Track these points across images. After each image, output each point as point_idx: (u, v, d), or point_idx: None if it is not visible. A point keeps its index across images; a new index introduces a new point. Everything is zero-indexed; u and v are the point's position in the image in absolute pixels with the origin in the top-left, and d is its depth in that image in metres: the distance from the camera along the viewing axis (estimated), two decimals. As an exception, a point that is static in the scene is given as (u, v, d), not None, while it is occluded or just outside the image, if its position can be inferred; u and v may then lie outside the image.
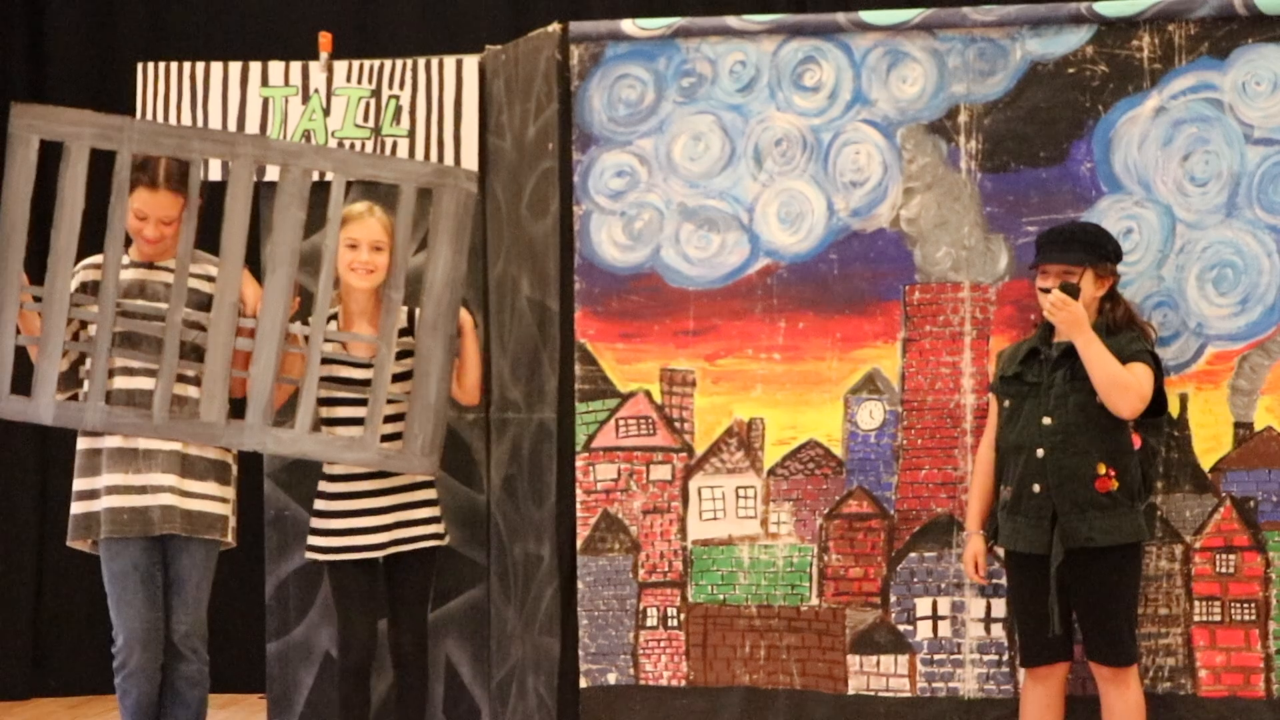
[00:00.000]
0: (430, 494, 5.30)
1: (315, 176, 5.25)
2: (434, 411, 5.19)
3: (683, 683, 5.48)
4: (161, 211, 5.07)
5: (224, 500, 5.15)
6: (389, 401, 5.17)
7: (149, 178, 5.06)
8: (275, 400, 5.18)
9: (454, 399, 5.39)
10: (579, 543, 5.53)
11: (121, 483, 5.04)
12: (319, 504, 5.27)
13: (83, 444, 5.13)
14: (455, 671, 5.84)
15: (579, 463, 5.53)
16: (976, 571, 5.14)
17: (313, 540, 5.25)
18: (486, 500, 5.84)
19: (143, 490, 5.04)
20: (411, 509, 5.25)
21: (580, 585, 5.52)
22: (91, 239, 5.11)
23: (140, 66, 5.93)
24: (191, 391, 5.12)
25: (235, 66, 5.88)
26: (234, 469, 5.22)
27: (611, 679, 5.52)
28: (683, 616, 5.49)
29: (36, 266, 5.08)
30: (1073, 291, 4.91)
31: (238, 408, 5.17)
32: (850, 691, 5.39)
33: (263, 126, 5.82)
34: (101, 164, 5.08)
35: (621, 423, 5.52)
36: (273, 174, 5.41)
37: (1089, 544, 4.88)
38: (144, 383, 5.09)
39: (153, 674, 5.09)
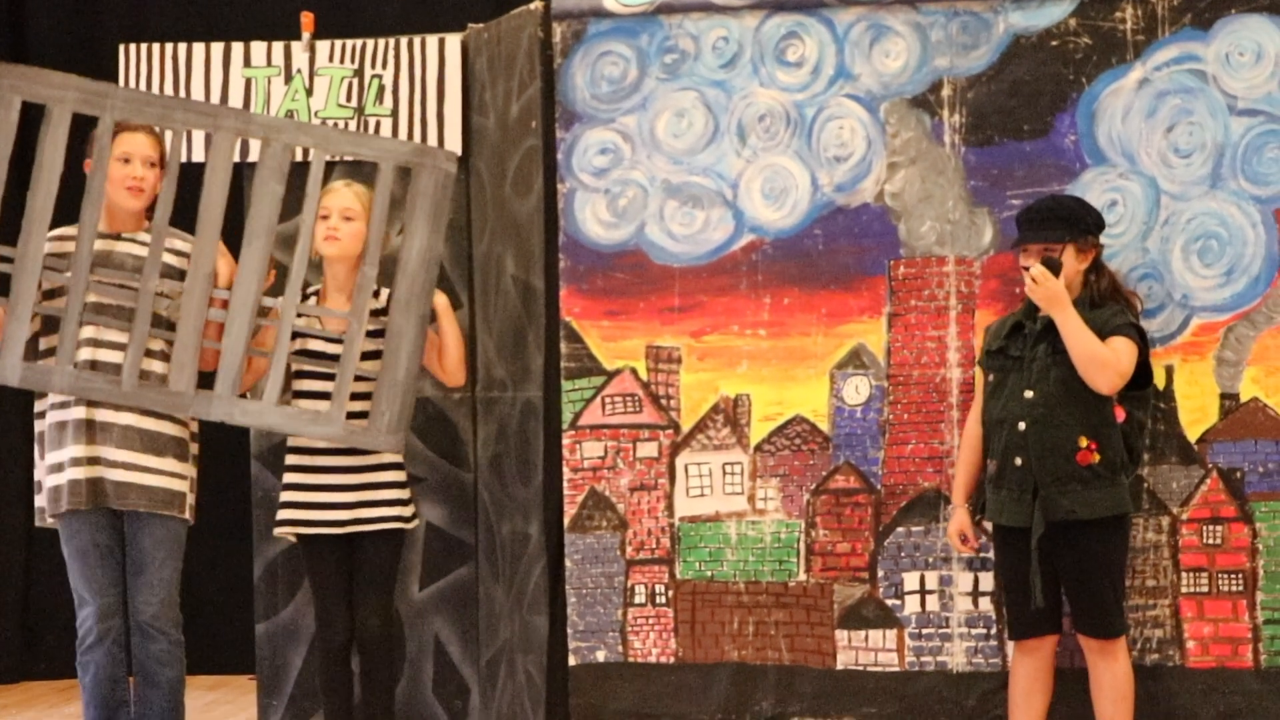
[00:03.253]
0: (398, 475, 5.28)
1: (298, 155, 5.24)
2: (402, 389, 5.17)
3: (671, 659, 5.49)
4: (144, 150, 5.07)
5: (183, 477, 5.10)
6: (359, 379, 5.17)
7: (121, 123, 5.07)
8: (248, 376, 5.17)
9: (438, 380, 5.39)
10: (566, 521, 5.52)
11: (79, 455, 5.00)
12: (286, 477, 5.27)
13: (52, 417, 5.08)
14: (444, 650, 5.85)
15: (566, 440, 5.52)
16: (965, 544, 5.15)
17: (279, 514, 5.25)
18: (474, 479, 5.84)
19: (96, 462, 5.00)
20: (376, 489, 5.22)
21: (568, 563, 5.52)
22: (67, 206, 5.08)
23: (123, 48, 5.91)
24: (155, 366, 5.09)
25: (217, 48, 5.86)
26: (192, 446, 5.18)
27: (600, 656, 5.52)
28: (671, 593, 5.49)
29: (11, 228, 5.05)
30: (1054, 267, 4.90)
31: (206, 382, 5.16)
32: (839, 666, 5.39)
33: (245, 107, 5.79)
34: (79, 129, 5.05)
35: (608, 400, 5.51)
36: (254, 153, 5.39)
37: (1070, 517, 4.88)
38: (106, 355, 5.04)
39: (115, 651, 5.03)
